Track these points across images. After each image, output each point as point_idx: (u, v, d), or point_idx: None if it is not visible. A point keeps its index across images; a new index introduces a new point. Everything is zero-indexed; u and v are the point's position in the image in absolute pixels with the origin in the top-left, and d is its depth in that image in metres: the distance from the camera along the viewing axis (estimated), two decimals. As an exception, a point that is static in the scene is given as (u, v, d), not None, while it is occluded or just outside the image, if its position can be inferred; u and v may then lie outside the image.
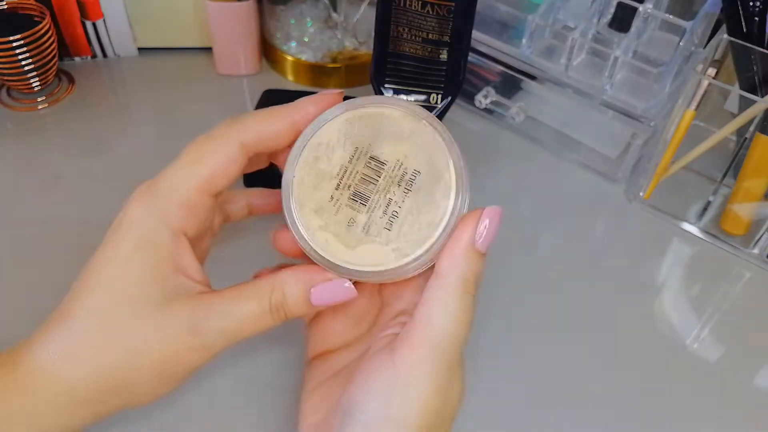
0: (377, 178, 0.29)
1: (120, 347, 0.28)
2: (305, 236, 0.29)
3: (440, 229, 0.29)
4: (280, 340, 0.39)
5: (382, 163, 0.30)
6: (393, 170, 0.29)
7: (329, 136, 0.30)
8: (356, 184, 0.29)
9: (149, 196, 0.29)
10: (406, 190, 0.29)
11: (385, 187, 0.29)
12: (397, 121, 0.30)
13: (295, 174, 0.29)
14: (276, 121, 0.30)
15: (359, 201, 0.29)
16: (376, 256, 0.29)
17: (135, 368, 0.28)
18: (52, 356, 0.27)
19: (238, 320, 0.29)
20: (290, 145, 0.31)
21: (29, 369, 0.27)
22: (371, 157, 0.30)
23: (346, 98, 0.31)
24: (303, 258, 0.30)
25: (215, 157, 0.29)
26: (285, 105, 0.30)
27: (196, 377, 0.30)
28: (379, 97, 0.30)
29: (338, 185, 0.29)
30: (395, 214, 0.29)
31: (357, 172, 0.29)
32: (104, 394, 0.28)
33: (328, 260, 0.29)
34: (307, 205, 0.29)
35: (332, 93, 0.31)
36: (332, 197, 0.29)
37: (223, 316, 0.28)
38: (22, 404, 0.27)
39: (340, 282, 0.29)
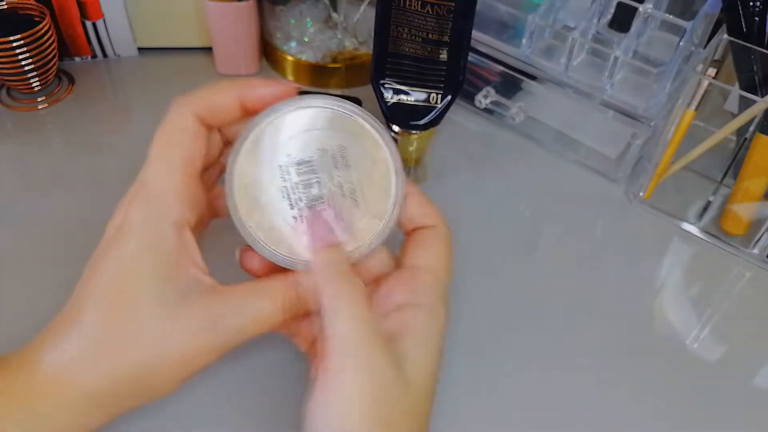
0: (316, 175, 0.30)
1: (137, 349, 0.28)
2: (306, 262, 0.30)
3: (394, 175, 0.30)
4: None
5: (309, 161, 0.30)
6: (322, 159, 0.30)
7: (247, 172, 0.30)
8: (304, 193, 0.30)
9: (145, 197, 0.29)
10: (346, 166, 0.30)
11: (329, 177, 0.30)
12: (293, 121, 0.30)
13: (250, 225, 0.30)
14: (223, 94, 0.30)
15: (317, 202, 0.30)
16: (367, 230, 0.31)
17: (152, 368, 0.28)
18: (65, 361, 0.27)
19: (253, 318, 0.29)
20: (239, 119, 0.31)
21: (44, 374, 0.27)
22: (297, 164, 0.30)
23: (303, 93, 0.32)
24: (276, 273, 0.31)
25: (182, 138, 0.30)
26: (235, 79, 0.31)
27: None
28: (260, 114, 0.30)
29: (291, 205, 0.30)
30: (353, 190, 0.30)
31: (296, 183, 0.30)
32: (121, 395, 0.28)
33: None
34: (283, 241, 0.30)
35: (285, 83, 0.31)
36: (295, 217, 0.30)
37: (239, 315, 0.29)
38: (37, 408, 0.27)
39: None
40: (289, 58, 0.58)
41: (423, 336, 0.29)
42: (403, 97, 0.40)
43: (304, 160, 0.30)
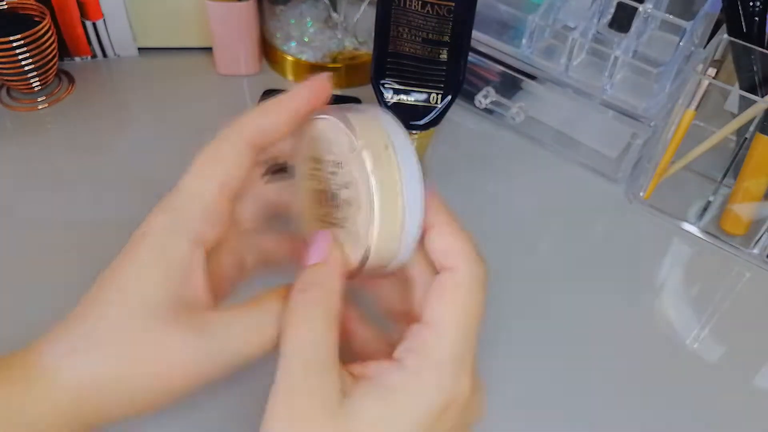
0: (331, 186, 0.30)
1: (125, 356, 0.27)
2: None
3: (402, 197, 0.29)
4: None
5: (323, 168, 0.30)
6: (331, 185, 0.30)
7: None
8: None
9: (171, 207, 0.29)
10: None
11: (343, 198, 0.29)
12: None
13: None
14: (275, 114, 0.30)
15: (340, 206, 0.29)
16: (392, 224, 0.28)
17: (137, 377, 0.28)
18: (57, 358, 0.27)
19: (243, 341, 0.28)
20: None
21: (36, 369, 0.27)
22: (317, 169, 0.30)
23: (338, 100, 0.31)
24: None
25: (226, 160, 0.29)
26: (281, 96, 0.30)
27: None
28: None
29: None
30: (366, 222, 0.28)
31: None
32: (105, 400, 0.28)
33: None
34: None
35: (321, 77, 0.30)
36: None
37: (229, 340, 0.28)
38: (24, 404, 0.27)
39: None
40: (289, 58, 0.58)
41: (389, 392, 0.26)
42: (403, 97, 0.40)
43: (327, 167, 0.30)
